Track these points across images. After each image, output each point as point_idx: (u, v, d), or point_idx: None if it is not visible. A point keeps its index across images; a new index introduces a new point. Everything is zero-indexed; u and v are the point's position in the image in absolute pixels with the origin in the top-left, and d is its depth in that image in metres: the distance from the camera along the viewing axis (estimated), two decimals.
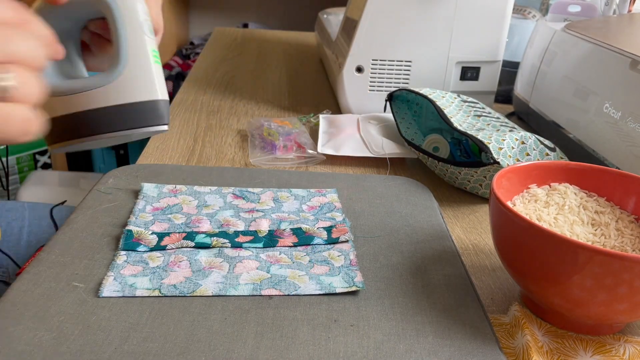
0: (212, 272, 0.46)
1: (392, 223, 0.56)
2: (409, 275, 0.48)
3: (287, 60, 1.28)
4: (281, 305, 0.43)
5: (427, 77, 0.88)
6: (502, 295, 0.50)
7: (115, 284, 0.44)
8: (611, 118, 0.66)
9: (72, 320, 0.40)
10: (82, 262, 0.46)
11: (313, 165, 0.72)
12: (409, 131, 0.76)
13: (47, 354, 0.37)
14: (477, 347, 0.41)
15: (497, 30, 0.87)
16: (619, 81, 0.66)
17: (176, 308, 0.42)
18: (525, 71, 0.91)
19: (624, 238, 0.47)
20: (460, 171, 0.65)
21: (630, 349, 0.43)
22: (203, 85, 1.04)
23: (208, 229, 0.52)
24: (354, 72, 0.87)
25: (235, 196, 0.59)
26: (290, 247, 0.51)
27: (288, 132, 0.77)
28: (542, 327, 0.45)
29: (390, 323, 0.42)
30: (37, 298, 0.42)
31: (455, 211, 0.64)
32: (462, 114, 0.73)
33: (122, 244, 0.49)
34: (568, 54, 0.79)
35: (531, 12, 1.13)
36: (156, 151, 0.73)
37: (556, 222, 0.47)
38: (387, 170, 0.73)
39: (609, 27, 0.84)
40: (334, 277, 0.47)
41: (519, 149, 0.64)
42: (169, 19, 2.49)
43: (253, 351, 0.39)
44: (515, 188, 0.51)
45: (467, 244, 0.58)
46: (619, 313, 0.41)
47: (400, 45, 0.86)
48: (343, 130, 0.79)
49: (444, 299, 0.45)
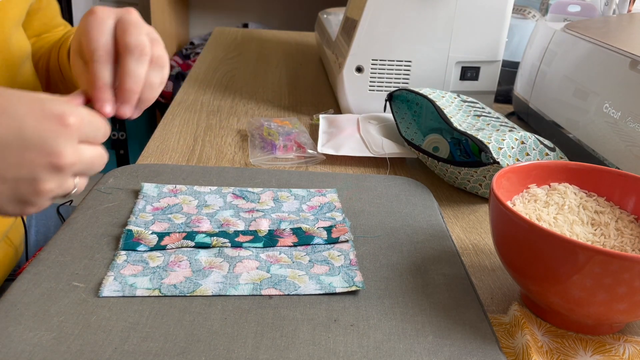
0: (212, 272, 0.46)
1: (392, 223, 0.56)
2: (408, 275, 0.48)
3: (287, 60, 1.28)
4: (281, 305, 0.43)
5: (427, 77, 0.88)
6: (502, 295, 0.50)
7: (115, 284, 0.44)
8: (611, 118, 0.66)
9: (72, 320, 0.40)
10: (82, 262, 0.46)
11: (313, 165, 0.72)
12: (408, 131, 0.76)
13: (47, 354, 0.37)
14: (477, 347, 0.41)
15: (497, 30, 0.87)
16: (618, 81, 0.66)
17: (176, 308, 0.42)
18: (525, 71, 0.91)
19: (624, 238, 0.47)
20: (460, 171, 0.65)
21: (630, 349, 0.43)
22: (203, 85, 1.04)
23: (208, 229, 0.52)
24: (354, 72, 0.87)
25: (235, 196, 0.59)
26: (290, 247, 0.51)
27: (288, 132, 0.77)
28: (541, 327, 0.45)
29: (390, 323, 0.42)
30: (37, 298, 0.42)
31: (455, 211, 0.64)
32: (462, 114, 0.73)
33: (122, 244, 0.49)
34: (568, 54, 0.79)
35: (531, 12, 1.13)
36: (156, 151, 0.73)
37: (556, 222, 0.47)
38: (387, 170, 0.73)
39: (608, 27, 0.84)
40: (334, 277, 0.47)
41: (518, 148, 0.64)
42: (169, 19, 2.49)
43: (253, 351, 0.39)
44: (515, 188, 0.51)
45: (467, 243, 0.58)
46: (618, 313, 0.41)
47: (400, 45, 0.86)
48: (343, 130, 0.79)
49: (444, 299, 0.45)
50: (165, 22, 2.42)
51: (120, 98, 0.47)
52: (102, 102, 0.46)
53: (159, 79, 0.49)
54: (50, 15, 0.75)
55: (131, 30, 0.47)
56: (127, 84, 0.46)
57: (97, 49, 0.47)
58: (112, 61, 0.47)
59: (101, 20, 0.48)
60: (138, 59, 0.47)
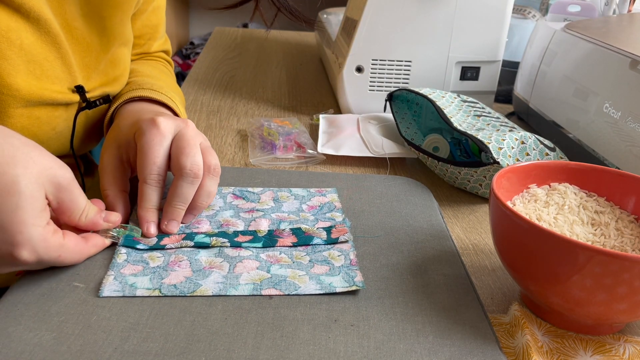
0: (212, 272, 0.46)
1: (392, 223, 0.56)
2: (409, 275, 0.48)
3: (287, 60, 1.28)
4: (281, 305, 0.43)
5: (427, 77, 0.88)
6: (502, 295, 0.50)
7: (116, 284, 0.44)
8: (611, 118, 0.66)
9: (72, 320, 0.40)
10: (82, 262, 0.46)
11: (313, 165, 0.72)
12: (409, 131, 0.76)
13: (47, 354, 0.37)
14: (477, 347, 0.41)
15: (497, 30, 0.87)
16: (619, 81, 0.66)
17: (176, 308, 0.42)
18: (525, 71, 0.91)
19: (624, 238, 0.47)
20: (460, 171, 0.65)
21: (630, 349, 0.43)
22: (203, 85, 1.04)
23: (207, 229, 0.52)
24: (354, 72, 0.87)
25: (235, 196, 0.59)
26: (289, 247, 0.51)
27: (288, 132, 0.77)
28: (542, 327, 0.45)
29: (390, 323, 0.42)
30: (37, 298, 0.42)
31: (455, 211, 0.64)
32: (462, 114, 0.73)
33: (122, 240, 0.49)
34: (568, 54, 0.79)
35: (531, 12, 1.13)
36: None
37: (556, 222, 0.47)
38: (387, 170, 0.73)
39: (608, 27, 0.84)
40: (334, 277, 0.47)
41: (518, 148, 0.64)
42: (169, 19, 2.49)
43: (253, 351, 0.39)
44: (515, 188, 0.51)
45: (467, 243, 0.58)
46: (618, 313, 0.41)
47: (400, 45, 0.86)
48: (343, 130, 0.79)
49: (444, 299, 0.45)
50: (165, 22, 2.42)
51: (167, 215, 0.51)
52: (147, 224, 0.50)
53: (215, 187, 0.52)
54: (151, 24, 0.78)
55: (187, 151, 0.50)
56: (176, 204, 0.50)
57: (152, 173, 0.50)
58: (162, 183, 0.51)
59: (162, 138, 0.50)
60: (190, 183, 0.50)
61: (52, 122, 0.57)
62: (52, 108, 0.56)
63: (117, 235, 0.49)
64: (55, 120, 0.58)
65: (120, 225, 0.49)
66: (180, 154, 0.50)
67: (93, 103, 0.60)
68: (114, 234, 0.48)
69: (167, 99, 0.64)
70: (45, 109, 0.56)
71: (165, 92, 0.65)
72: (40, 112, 0.55)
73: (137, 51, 0.78)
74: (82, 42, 0.59)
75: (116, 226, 0.49)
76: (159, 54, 0.83)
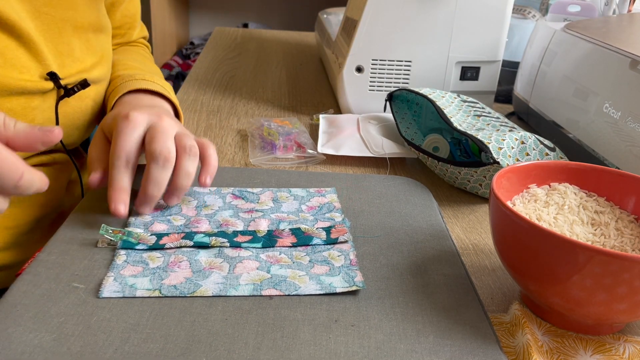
0: (212, 273, 0.46)
1: (392, 223, 0.56)
2: (409, 275, 0.48)
3: (287, 60, 1.28)
4: (282, 306, 0.43)
5: (427, 77, 0.88)
6: (502, 295, 0.50)
7: (116, 285, 0.44)
8: (611, 118, 0.66)
9: (72, 321, 0.40)
10: (82, 263, 0.46)
11: (313, 165, 0.72)
12: (409, 131, 0.76)
13: (47, 355, 0.37)
14: (477, 347, 0.41)
15: (497, 30, 0.87)
16: (619, 81, 0.66)
17: (176, 309, 0.42)
18: (525, 71, 0.91)
19: (624, 238, 0.47)
20: (460, 171, 0.65)
21: (630, 349, 0.43)
22: (203, 85, 1.04)
23: (207, 229, 0.52)
24: (354, 72, 0.87)
25: (235, 196, 0.59)
26: (289, 247, 0.51)
27: (288, 132, 0.77)
28: (542, 327, 0.45)
29: (390, 323, 0.42)
30: (37, 299, 0.42)
31: (455, 211, 0.64)
32: (462, 114, 0.73)
33: (120, 242, 0.49)
34: (568, 54, 0.79)
35: (531, 12, 1.13)
36: None
37: (556, 222, 0.47)
38: (387, 170, 0.73)
39: (608, 27, 0.84)
40: (334, 277, 0.47)
41: (518, 148, 0.64)
42: (169, 19, 2.49)
43: (254, 351, 0.39)
44: (515, 188, 0.51)
45: (467, 243, 0.58)
46: (618, 313, 0.41)
47: (400, 45, 0.86)
48: (343, 130, 0.79)
49: (445, 299, 0.45)
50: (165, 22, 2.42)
51: (141, 199, 0.52)
52: (115, 203, 0.51)
53: (193, 168, 0.53)
54: (129, 14, 0.82)
55: (157, 138, 0.52)
56: (148, 188, 0.51)
57: (119, 158, 0.51)
58: (131, 168, 0.52)
59: (132, 128, 0.53)
60: (162, 167, 0.51)
61: (28, 115, 0.58)
62: (26, 99, 0.57)
63: (115, 240, 0.49)
64: (33, 112, 0.58)
65: (117, 230, 0.49)
66: (151, 141, 0.51)
67: (71, 90, 0.61)
68: (112, 239, 0.49)
69: (161, 87, 0.67)
70: (18, 100, 0.56)
71: (156, 80, 0.69)
72: (12, 103, 0.56)
73: (119, 41, 0.82)
74: (54, 28, 0.60)
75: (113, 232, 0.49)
76: (140, 40, 0.88)
